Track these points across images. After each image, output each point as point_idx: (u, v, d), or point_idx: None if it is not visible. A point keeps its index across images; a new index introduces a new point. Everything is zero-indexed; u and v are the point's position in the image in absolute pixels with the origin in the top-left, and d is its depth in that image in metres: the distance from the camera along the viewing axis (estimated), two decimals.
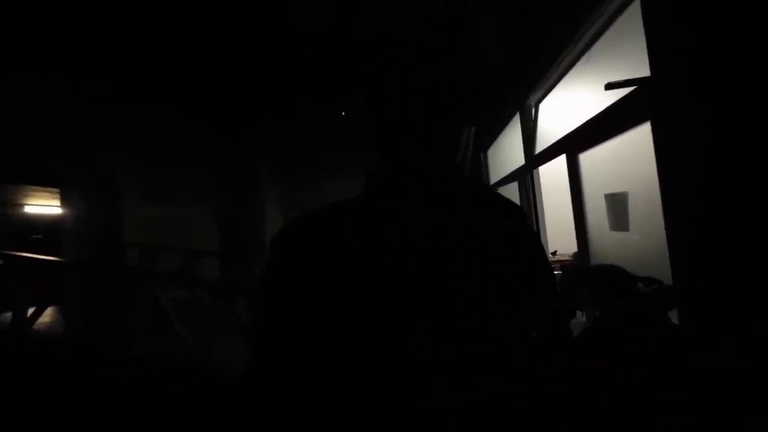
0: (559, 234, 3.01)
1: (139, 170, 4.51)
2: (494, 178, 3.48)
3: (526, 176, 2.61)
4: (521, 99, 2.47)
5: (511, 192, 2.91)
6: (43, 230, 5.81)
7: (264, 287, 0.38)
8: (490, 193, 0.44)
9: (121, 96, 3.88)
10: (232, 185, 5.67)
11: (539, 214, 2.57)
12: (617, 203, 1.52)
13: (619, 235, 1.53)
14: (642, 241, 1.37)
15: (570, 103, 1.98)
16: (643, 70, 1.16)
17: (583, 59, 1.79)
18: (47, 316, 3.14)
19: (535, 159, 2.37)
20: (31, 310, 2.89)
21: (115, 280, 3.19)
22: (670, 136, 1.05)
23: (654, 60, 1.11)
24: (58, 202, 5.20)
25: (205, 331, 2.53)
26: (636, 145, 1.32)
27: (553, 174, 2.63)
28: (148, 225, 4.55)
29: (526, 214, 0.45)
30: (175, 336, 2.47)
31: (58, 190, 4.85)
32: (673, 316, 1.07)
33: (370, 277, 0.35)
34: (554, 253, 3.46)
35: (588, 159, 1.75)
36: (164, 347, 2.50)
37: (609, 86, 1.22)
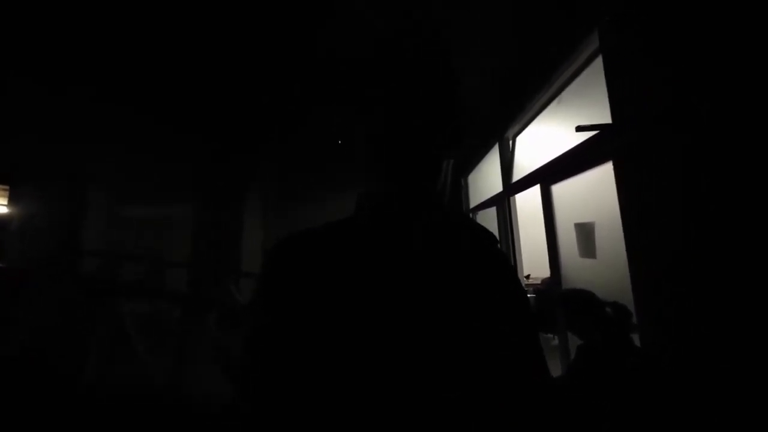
0: (533, 258, 3.17)
1: (111, 172, 4.25)
2: (474, 201, 3.65)
3: (503, 202, 2.77)
4: (500, 132, 2.68)
5: (490, 216, 3.06)
6: None
7: (258, 300, 0.38)
8: (467, 219, 0.46)
9: (100, 94, 3.72)
10: (212, 194, 5.48)
11: (515, 238, 2.71)
12: (585, 232, 1.66)
13: (587, 262, 1.65)
14: (607, 268, 1.49)
15: (544, 138, 2.17)
16: (606, 116, 1.33)
17: (556, 101, 2.01)
18: None
19: (511, 187, 2.54)
20: None
21: (67, 290, 2.89)
22: (629, 174, 1.20)
23: (615, 108, 1.28)
24: (4, 201, 4.73)
25: (172, 351, 2.30)
26: (601, 180, 1.47)
27: (529, 202, 2.82)
28: (117, 231, 4.23)
29: (497, 239, 0.47)
30: (137, 357, 2.23)
31: (6, 186, 4.42)
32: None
33: (358, 295, 0.36)
34: (528, 277, 3.61)
35: (560, 190, 1.91)
36: (123, 370, 2.24)
37: (579, 129, 1.37)
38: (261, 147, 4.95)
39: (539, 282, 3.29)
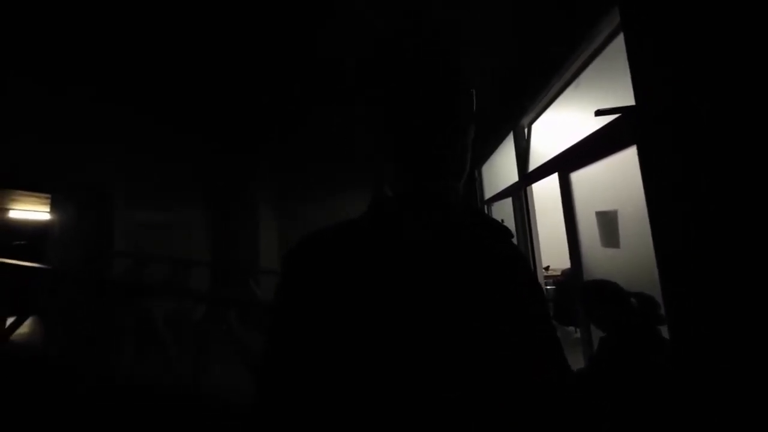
0: (552, 249, 3.08)
1: (132, 178, 4.46)
2: (488, 193, 3.58)
3: (519, 193, 2.70)
4: (514, 120, 2.60)
5: (506, 207, 2.99)
6: (28, 236, 5.62)
7: (278, 305, 0.38)
8: (484, 216, 0.46)
9: (117, 102, 3.87)
10: (227, 193, 5.64)
11: (532, 229, 2.64)
12: (608, 221, 1.59)
13: (610, 252, 1.59)
14: (632, 258, 1.43)
15: (561, 125, 2.09)
16: (628, 98, 1.26)
17: (573, 85, 1.92)
18: (27, 327, 2.99)
19: (528, 177, 2.46)
20: (10, 320, 2.76)
21: (103, 290, 3.07)
22: (654, 159, 1.13)
23: (638, 90, 1.20)
24: (47, 208, 5.07)
25: (198, 348, 2.35)
26: (624, 167, 1.40)
27: (546, 191, 2.73)
28: (140, 233, 4.45)
29: (513, 234, 0.47)
30: (167, 356, 2.33)
31: (48, 195, 4.73)
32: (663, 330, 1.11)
33: (382, 298, 0.35)
34: (547, 268, 3.53)
35: (579, 178, 1.84)
36: (154, 369, 2.35)
37: (598, 113, 1.31)
38: (262, 147, 5.02)
39: (559, 273, 3.20)
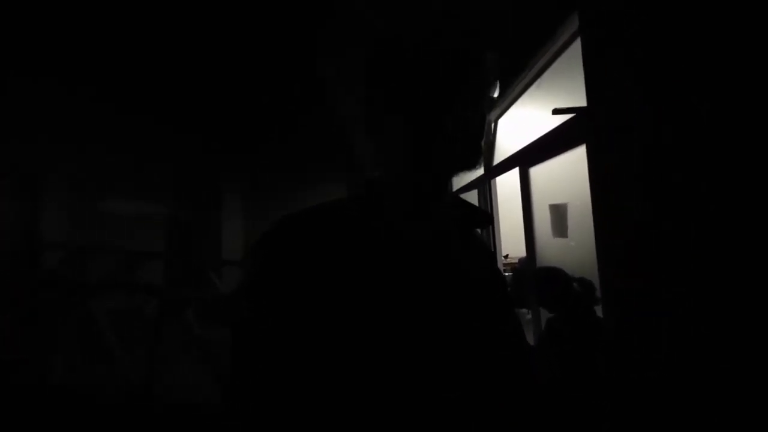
0: (511, 239, 3.29)
1: (74, 160, 3.95)
2: (457, 185, 3.70)
3: (485, 185, 2.82)
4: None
5: (471, 199, 3.12)
6: None
7: (254, 293, 0.34)
8: (466, 203, 0.46)
9: (73, 88, 3.37)
10: (187, 180, 5.23)
11: (495, 220, 2.80)
12: (559, 213, 1.73)
13: (559, 241, 1.74)
14: (577, 246, 1.58)
15: (524, 121, 2.20)
16: (583, 100, 1.36)
17: (535, 84, 2.02)
18: None
19: (493, 170, 2.58)
20: None
21: (32, 286, 2.72)
22: (599, 158, 1.25)
23: (590, 92, 1.31)
24: None
25: (150, 347, 2.10)
26: (575, 163, 1.53)
27: (507, 184, 2.88)
28: (82, 224, 3.98)
29: (492, 219, 0.50)
30: (112, 356, 2.11)
31: None
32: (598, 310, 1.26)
33: (369, 284, 0.34)
34: (506, 257, 3.76)
35: (537, 173, 1.97)
36: (97, 370, 2.13)
37: (555, 111, 1.40)
38: (229, 139, 4.73)
39: (516, 261, 3.44)
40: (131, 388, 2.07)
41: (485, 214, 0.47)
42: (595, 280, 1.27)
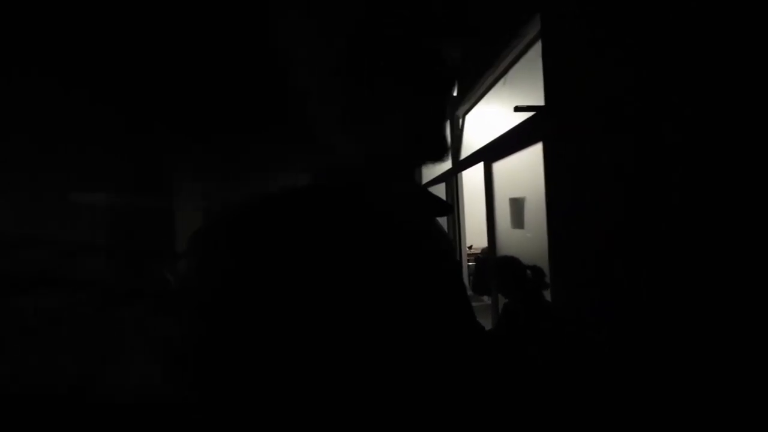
0: (475, 230, 3.45)
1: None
2: (426, 178, 3.78)
3: (452, 179, 2.91)
4: (451, 110, 2.75)
5: (438, 193, 3.21)
6: None
7: (218, 291, 0.30)
8: (427, 192, 0.48)
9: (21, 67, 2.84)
10: (138, 172, 4.73)
11: (460, 213, 2.91)
12: (517, 206, 1.85)
13: (517, 232, 1.86)
14: (532, 237, 1.70)
15: (490, 118, 2.29)
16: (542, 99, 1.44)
17: (501, 81, 2.11)
18: None
19: (459, 164, 2.67)
20: None
21: None
22: (553, 154, 1.34)
23: (548, 91, 1.39)
24: None
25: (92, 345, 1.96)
26: (533, 159, 1.63)
27: (472, 178, 3.00)
28: (20, 215, 3.46)
29: (453, 209, 0.52)
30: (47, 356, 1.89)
31: None
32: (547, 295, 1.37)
33: (351, 273, 0.32)
34: (470, 247, 3.94)
35: (500, 168, 2.07)
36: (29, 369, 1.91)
37: (517, 109, 1.47)
38: (182, 125, 4.37)
39: (479, 251, 3.62)
40: (71, 387, 1.88)
41: (445, 204, 0.49)
42: (545, 267, 1.38)
